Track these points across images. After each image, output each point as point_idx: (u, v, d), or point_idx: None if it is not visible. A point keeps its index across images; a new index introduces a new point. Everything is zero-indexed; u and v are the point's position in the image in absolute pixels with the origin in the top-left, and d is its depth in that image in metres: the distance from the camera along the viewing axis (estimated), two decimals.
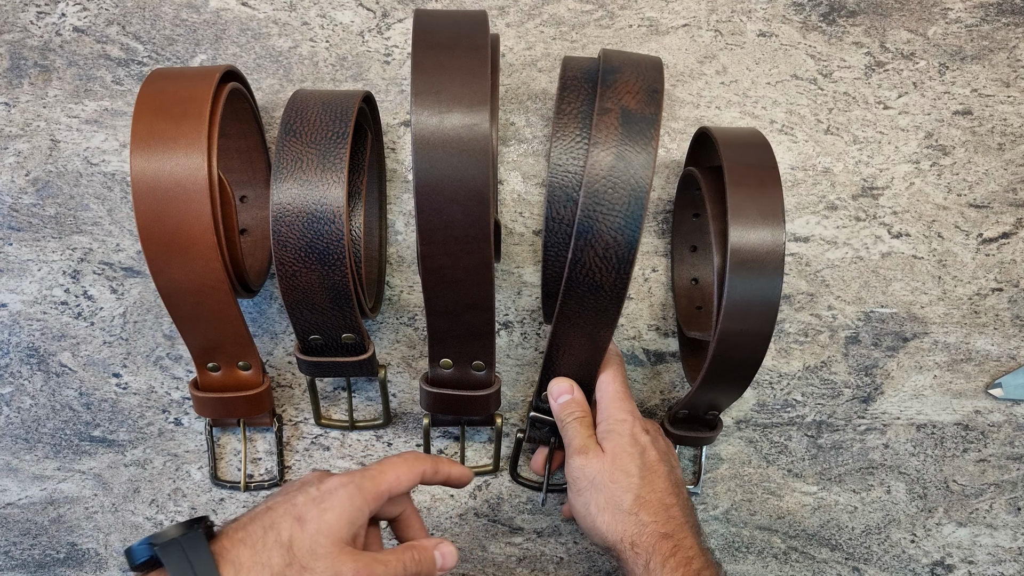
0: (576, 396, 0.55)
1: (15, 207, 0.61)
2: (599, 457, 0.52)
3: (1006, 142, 0.62)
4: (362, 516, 0.45)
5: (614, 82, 0.47)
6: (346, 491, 0.44)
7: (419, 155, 0.44)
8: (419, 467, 0.48)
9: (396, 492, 0.47)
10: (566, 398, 0.55)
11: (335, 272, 0.50)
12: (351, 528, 0.44)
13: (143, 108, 0.48)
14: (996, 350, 0.62)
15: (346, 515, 0.44)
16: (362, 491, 0.45)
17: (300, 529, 0.43)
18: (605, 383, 0.55)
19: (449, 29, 0.47)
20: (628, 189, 0.46)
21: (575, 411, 0.55)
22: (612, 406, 0.54)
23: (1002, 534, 0.64)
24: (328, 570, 0.42)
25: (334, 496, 0.44)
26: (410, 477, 0.48)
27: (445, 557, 0.48)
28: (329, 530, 0.43)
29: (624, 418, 0.54)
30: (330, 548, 0.43)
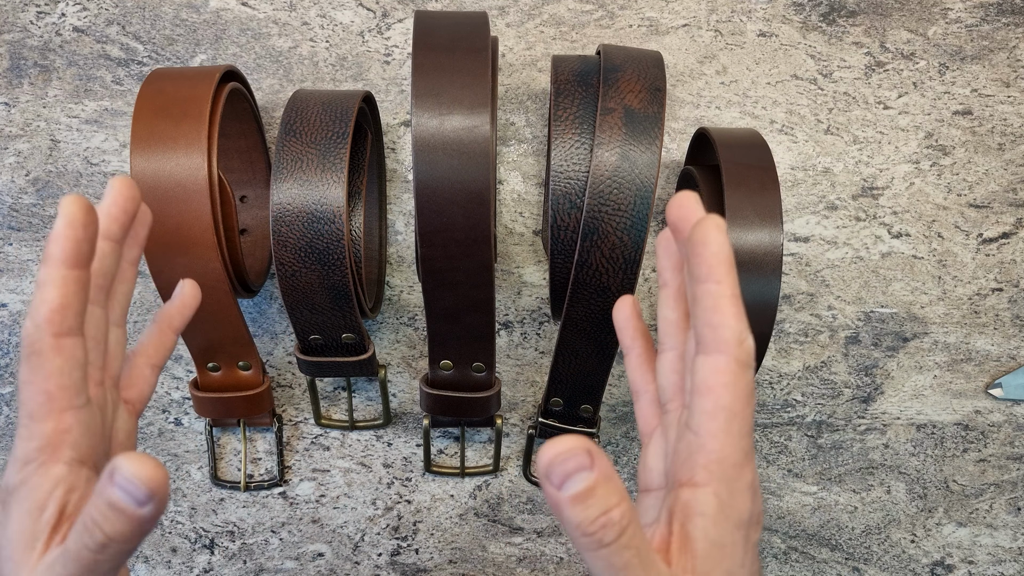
0: (602, 469, 0.26)
1: (15, 207, 0.60)
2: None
3: (1006, 142, 0.62)
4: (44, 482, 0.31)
5: (616, 81, 0.47)
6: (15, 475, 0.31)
7: (419, 157, 0.44)
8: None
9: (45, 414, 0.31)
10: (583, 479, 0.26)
11: (335, 272, 0.50)
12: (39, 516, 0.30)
13: (143, 108, 0.48)
14: (996, 350, 0.63)
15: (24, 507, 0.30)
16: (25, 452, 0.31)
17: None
18: (720, 382, 0.29)
19: (449, 30, 0.47)
20: (634, 189, 0.45)
21: (615, 519, 0.26)
22: (725, 452, 0.29)
23: (1002, 534, 0.64)
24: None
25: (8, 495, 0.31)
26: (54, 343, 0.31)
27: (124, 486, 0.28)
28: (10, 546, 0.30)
29: (743, 488, 0.30)
30: (15, 569, 0.30)
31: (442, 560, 0.64)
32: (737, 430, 0.29)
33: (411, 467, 0.63)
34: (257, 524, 0.63)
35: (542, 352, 0.62)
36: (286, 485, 0.63)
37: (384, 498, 0.63)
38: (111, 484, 0.27)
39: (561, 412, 0.58)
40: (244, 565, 0.63)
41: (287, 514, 0.63)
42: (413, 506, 0.63)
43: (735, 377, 0.29)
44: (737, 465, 0.29)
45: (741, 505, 0.29)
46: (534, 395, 0.63)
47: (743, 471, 0.29)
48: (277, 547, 0.63)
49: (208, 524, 0.63)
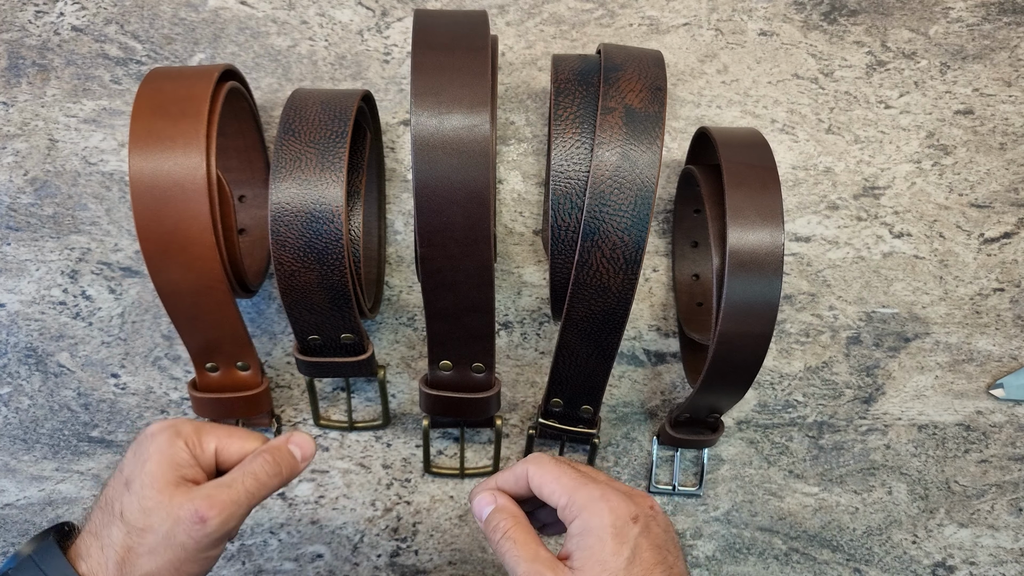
0: (500, 502, 0.43)
1: (13, 207, 0.60)
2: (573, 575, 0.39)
3: (1008, 142, 0.61)
4: (183, 453, 0.41)
5: (617, 80, 0.47)
6: (162, 436, 0.42)
7: (419, 157, 0.44)
8: (253, 444, 0.44)
9: (220, 453, 0.43)
10: (487, 510, 0.43)
11: (334, 272, 0.50)
12: (176, 470, 0.41)
13: (141, 107, 0.47)
14: (998, 350, 0.62)
15: (165, 458, 0.41)
16: (179, 432, 0.42)
17: (128, 493, 0.40)
18: (542, 474, 0.43)
19: (449, 29, 0.46)
20: (634, 189, 0.45)
21: (500, 522, 0.42)
22: (573, 489, 0.41)
23: (1004, 535, 0.64)
24: (165, 521, 0.39)
25: (150, 445, 0.41)
26: (239, 448, 0.44)
27: (302, 447, 0.45)
28: (152, 480, 0.40)
29: (594, 505, 0.40)
30: (158, 498, 0.40)
31: (441, 561, 0.64)
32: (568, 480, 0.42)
33: (410, 468, 0.63)
34: (256, 525, 0.63)
35: (542, 352, 0.62)
36: (285, 486, 0.63)
37: (383, 499, 0.63)
38: (289, 443, 0.45)
39: (561, 412, 0.58)
40: (243, 566, 0.63)
41: (286, 515, 0.63)
42: (412, 507, 0.63)
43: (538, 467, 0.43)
44: (589, 493, 0.41)
45: (603, 514, 0.40)
46: (534, 395, 0.62)
47: (597, 493, 0.41)
48: (276, 548, 0.63)
49: None
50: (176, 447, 0.41)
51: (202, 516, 0.40)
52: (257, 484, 0.42)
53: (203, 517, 0.40)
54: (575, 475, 0.42)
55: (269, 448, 0.43)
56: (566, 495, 0.41)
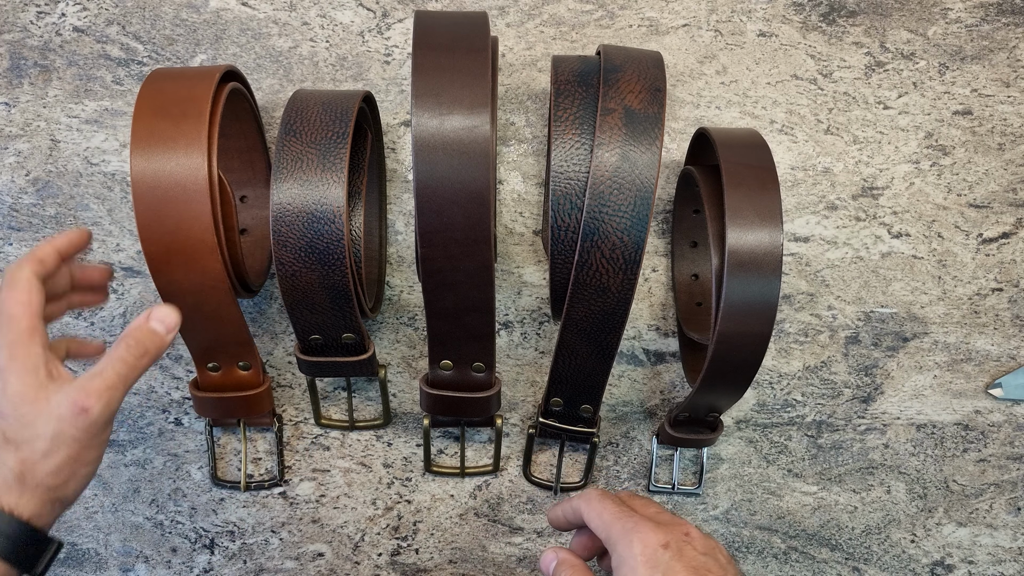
0: (561, 556, 0.48)
1: (15, 207, 0.60)
2: None
3: (1006, 142, 0.62)
4: (37, 357, 0.42)
5: (616, 81, 0.47)
6: (4, 357, 0.42)
7: (419, 157, 0.44)
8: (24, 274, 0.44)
9: (37, 311, 0.43)
10: (552, 565, 0.48)
11: (335, 272, 0.50)
12: (36, 374, 0.42)
13: (143, 108, 0.48)
14: (996, 350, 0.63)
15: (22, 370, 0.42)
16: (16, 343, 0.42)
17: (2, 419, 0.42)
18: (588, 510, 0.47)
19: (449, 30, 0.47)
20: (634, 190, 0.45)
21: (566, 570, 0.47)
22: (610, 523, 0.45)
23: (1002, 534, 0.64)
24: (49, 423, 0.41)
25: (4, 367, 0.42)
26: (30, 289, 0.43)
27: (165, 321, 0.46)
28: (20, 396, 0.41)
29: (626, 538, 0.44)
30: (34, 407, 0.41)
31: (442, 560, 0.64)
32: (609, 513, 0.46)
33: (411, 467, 0.63)
34: (257, 524, 0.63)
35: (542, 352, 0.62)
36: (286, 485, 0.63)
37: (384, 498, 0.63)
38: (149, 320, 0.45)
39: (561, 412, 0.58)
40: (244, 565, 0.63)
41: (287, 514, 0.63)
42: (413, 506, 0.63)
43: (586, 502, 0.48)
44: (624, 525, 0.45)
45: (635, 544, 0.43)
46: (534, 395, 0.63)
47: (632, 525, 0.44)
48: (277, 547, 0.63)
49: (208, 524, 0.63)
50: (27, 351, 0.42)
51: (83, 407, 0.42)
52: (127, 367, 0.44)
53: (84, 407, 0.42)
54: (615, 510, 0.45)
55: (131, 332, 0.45)
56: (605, 530, 0.45)
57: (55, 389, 0.42)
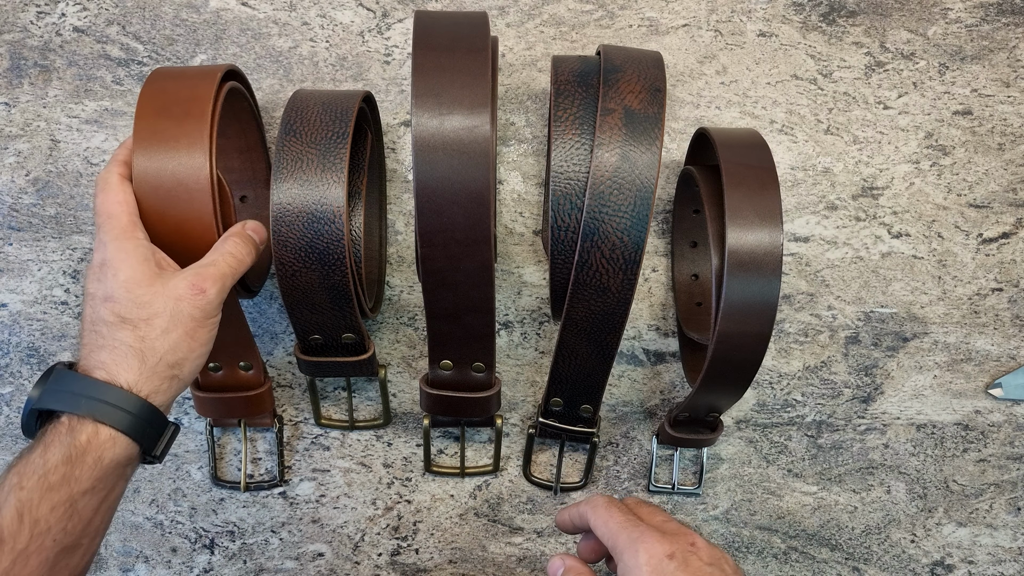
0: (568, 563, 0.48)
1: (15, 207, 0.61)
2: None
3: (1006, 142, 0.62)
4: (144, 248, 0.45)
5: (616, 81, 0.47)
6: (111, 250, 0.44)
7: (419, 157, 0.44)
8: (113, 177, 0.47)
9: (134, 208, 0.46)
10: (560, 572, 0.48)
11: (335, 272, 0.50)
12: (148, 263, 0.44)
13: (145, 108, 0.48)
14: (996, 350, 0.63)
15: (134, 260, 0.44)
16: (119, 238, 0.45)
17: (116, 302, 0.43)
18: (595, 518, 0.48)
19: (449, 31, 0.47)
20: (633, 190, 0.46)
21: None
22: (616, 533, 0.46)
23: (1002, 534, 0.64)
24: (168, 303, 0.43)
25: (109, 262, 0.44)
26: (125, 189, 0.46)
27: (257, 232, 0.49)
28: (136, 280, 0.43)
29: (632, 548, 0.44)
30: (151, 290, 0.43)
31: (442, 560, 0.64)
32: (616, 523, 0.46)
33: (411, 467, 0.63)
34: (257, 524, 0.63)
35: (542, 352, 0.62)
36: (286, 485, 0.63)
37: (384, 498, 0.63)
38: (245, 230, 0.49)
39: (561, 412, 0.58)
40: (244, 565, 0.63)
41: (287, 514, 0.63)
42: (413, 506, 0.63)
43: (592, 510, 0.48)
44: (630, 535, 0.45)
45: (642, 553, 0.43)
46: (534, 395, 0.63)
47: (637, 534, 0.45)
48: (277, 547, 0.63)
49: (208, 524, 0.63)
50: (135, 243, 0.44)
51: (200, 287, 0.44)
52: (236, 261, 0.47)
53: (201, 288, 0.44)
54: (621, 519, 0.46)
55: (235, 232, 0.48)
56: (611, 538, 0.45)
57: (171, 274, 0.45)
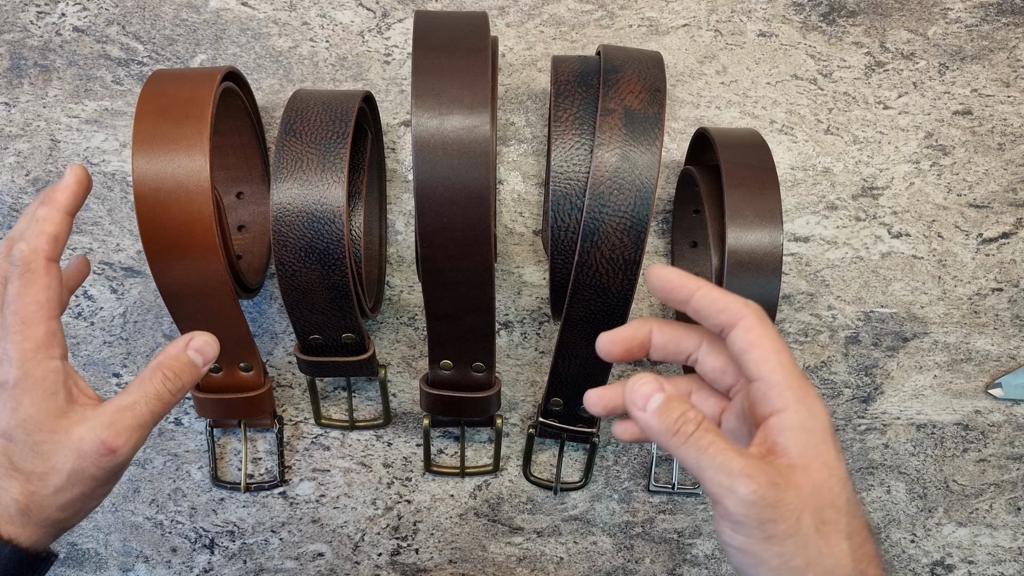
0: (670, 390, 0.35)
1: (15, 207, 0.61)
2: (796, 474, 0.34)
3: (1006, 142, 0.62)
4: (55, 377, 0.37)
5: (616, 81, 0.47)
6: (18, 373, 0.37)
7: (419, 157, 0.44)
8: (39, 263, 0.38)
9: (56, 311, 0.38)
10: (657, 399, 0.34)
11: (335, 272, 0.50)
12: (55, 399, 0.37)
13: (144, 109, 0.48)
14: (996, 350, 0.63)
15: (39, 394, 0.37)
16: (31, 357, 0.37)
17: (11, 442, 0.37)
18: (759, 325, 0.36)
19: (449, 31, 0.47)
20: (633, 190, 0.46)
21: (691, 417, 0.34)
22: (792, 375, 0.35)
23: (1002, 534, 0.64)
24: (69, 459, 0.37)
25: (12, 389, 0.37)
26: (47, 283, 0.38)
27: (203, 351, 0.41)
28: (37, 424, 0.37)
29: (815, 399, 0.35)
30: (53, 437, 0.37)
31: (442, 560, 0.64)
32: (788, 360, 0.35)
33: (411, 467, 0.63)
34: (257, 524, 0.63)
35: (542, 352, 0.62)
36: (286, 485, 0.63)
37: (384, 498, 0.63)
38: (186, 350, 0.40)
39: (561, 412, 0.58)
40: (244, 565, 0.63)
41: (287, 514, 0.63)
42: (413, 506, 0.63)
43: (762, 326, 0.36)
44: (802, 384, 0.35)
45: (819, 413, 0.35)
46: (534, 395, 0.63)
47: (808, 387, 0.35)
48: (277, 547, 0.63)
49: (208, 524, 0.63)
50: (45, 367, 0.37)
51: (110, 447, 0.37)
52: (161, 404, 0.39)
53: (112, 447, 0.37)
54: (793, 360, 0.36)
55: (166, 361, 0.40)
56: (788, 378, 0.35)
57: (77, 419, 0.37)
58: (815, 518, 0.33)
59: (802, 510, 0.33)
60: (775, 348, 0.35)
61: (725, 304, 0.36)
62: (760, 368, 0.35)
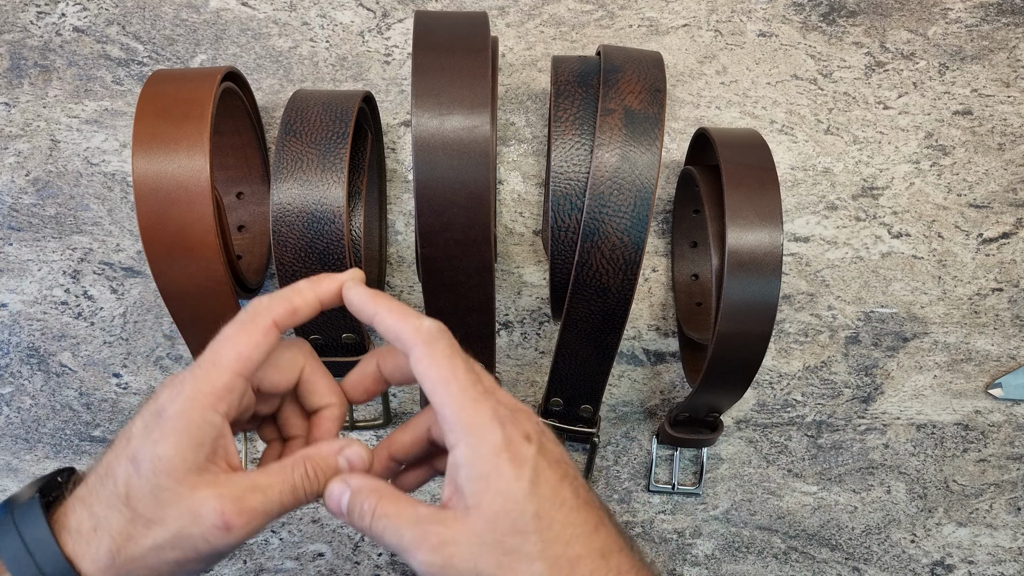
0: (354, 485, 0.35)
1: (15, 207, 0.61)
2: (469, 517, 0.33)
3: (1006, 142, 0.62)
4: (210, 430, 0.34)
5: (616, 82, 0.47)
6: (179, 407, 0.33)
7: (419, 157, 0.44)
8: (263, 320, 0.35)
9: (249, 370, 0.35)
10: (345, 499, 0.35)
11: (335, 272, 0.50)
12: (198, 451, 0.33)
13: (144, 110, 0.48)
14: (996, 350, 0.63)
15: (185, 440, 0.33)
16: (198, 399, 0.34)
17: (136, 473, 0.33)
18: (428, 354, 0.35)
19: (449, 31, 0.47)
20: (633, 190, 0.46)
21: (362, 504, 0.35)
22: (461, 405, 0.34)
23: (1002, 534, 0.64)
24: (182, 517, 0.33)
25: (165, 420, 0.33)
26: (258, 341, 0.35)
27: (352, 462, 0.36)
28: (169, 468, 0.33)
29: (489, 421, 0.34)
30: (177, 489, 0.33)
31: None
32: (457, 389, 0.34)
33: None
34: None
35: (542, 352, 0.62)
36: None
37: None
38: (338, 455, 0.36)
39: (561, 412, 0.58)
40: (244, 565, 0.63)
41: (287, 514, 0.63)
42: None
43: (430, 355, 0.35)
44: (474, 409, 0.34)
45: (489, 435, 0.33)
46: (534, 395, 0.63)
47: (480, 409, 0.34)
48: (277, 547, 0.63)
49: None
50: (198, 424, 0.33)
51: (228, 523, 0.33)
52: (294, 498, 0.35)
53: (229, 524, 0.33)
54: (466, 382, 0.34)
55: (314, 455, 0.36)
56: (453, 410, 0.34)
57: (208, 481, 0.33)
58: (495, 554, 0.32)
59: (477, 556, 0.32)
60: (443, 378, 0.34)
61: (397, 333, 0.35)
62: (433, 400, 0.34)
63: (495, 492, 0.33)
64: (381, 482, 0.36)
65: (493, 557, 0.32)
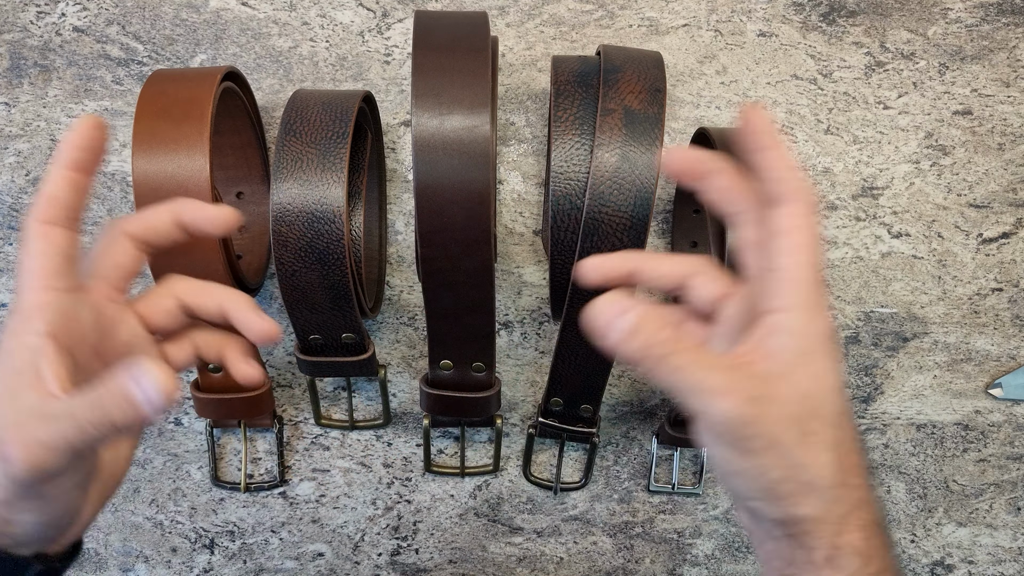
0: (640, 308, 0.33)
1: (15, 207, 0.61)
2: (779, 383, 0.32)
3: (1006, 142, 0.62)
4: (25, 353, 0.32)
5: (616, 81, 0.47)
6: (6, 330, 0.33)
7: (419, 157, 0.44)
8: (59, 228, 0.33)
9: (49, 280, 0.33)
10: (628, 319, 0.33)
11: (335, 272, 0.50)
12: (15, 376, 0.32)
13: (144, 109, 0.48)
14: (996, 350, 0.63)
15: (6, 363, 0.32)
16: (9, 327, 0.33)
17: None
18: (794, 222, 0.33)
19: (449, 30, 0.47)
20: (634, 190, 0.46)
21: (662, 339, 0.32)
22: (805, 278, 0.33)
23: (1002, 534, 0.64)
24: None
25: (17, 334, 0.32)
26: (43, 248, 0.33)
27: (144, 387, 0.30)
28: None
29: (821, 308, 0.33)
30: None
31: (442, 560, 0.64)
32: (813, 261, 0.33)
33: (411, 467, 0.63)
34: (257, 524, 0.63)
35: (542, 352, 0.62)
36: (286, 485, 0.63)
37: (384, 498, 0.63)
38: (131, 380, 0.30)
39: (561, 412, 0.58)
40: (244, 565, 0.63)
41: (287, 514, 0.63)
42: (413, 506, 0.63)
43: (807, 216, 0.33)
44: (815, 289, 0.33)
45: (819, 320, 0.33)
46: (534, 395, 0.63)
47: (819, 294, 0.33)
48: (277, 547, 0.63)
49: (208, 524, 0.63)
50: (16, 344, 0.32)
51: (4, 453, 0.31)
52: (96, 429, 0.31)
53: (5, 455, 0.31)
54: (819, 261, 0.34)
55: (108, 382, 0.31)
56: (804, 277, 0.33)
57: (17, 407, 0.31)
58: (797, 429, 0.32)
59: (783, 422, 0.31)
60: (808, 244, 0.33)
61: (787, 175, 0.33)
62: (784, 258, 0.33)
63: (811, 373, 0.32)
64: (662, 314, 0.33)
65: (796, 430, 0.31)
